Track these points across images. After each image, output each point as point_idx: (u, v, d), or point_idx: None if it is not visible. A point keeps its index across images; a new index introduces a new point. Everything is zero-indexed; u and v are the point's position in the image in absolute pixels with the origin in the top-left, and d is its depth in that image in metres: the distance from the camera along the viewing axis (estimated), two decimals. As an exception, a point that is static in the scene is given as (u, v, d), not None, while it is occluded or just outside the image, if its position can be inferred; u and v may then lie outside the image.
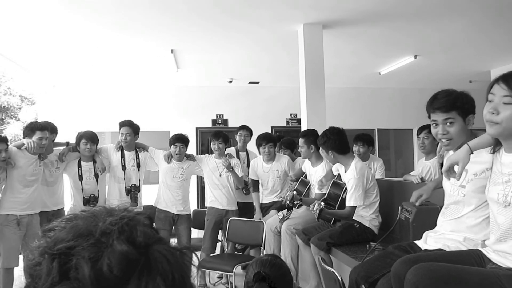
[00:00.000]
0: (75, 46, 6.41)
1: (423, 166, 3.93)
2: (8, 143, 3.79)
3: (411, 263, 1.87)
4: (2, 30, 5.63)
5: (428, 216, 2.55)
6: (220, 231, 4.84)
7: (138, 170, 4.56)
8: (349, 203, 3.42)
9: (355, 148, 4.77)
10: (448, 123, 2.09)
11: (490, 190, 1.83)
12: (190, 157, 4.80)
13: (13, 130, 15.44)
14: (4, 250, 3.76)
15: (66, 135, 5.02)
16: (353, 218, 3.50)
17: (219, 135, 4.78)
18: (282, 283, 1.76)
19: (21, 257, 3.94)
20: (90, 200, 4.24)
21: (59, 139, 4.52)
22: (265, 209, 4.79)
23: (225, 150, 4.89)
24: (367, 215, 3.51)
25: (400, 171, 9.76)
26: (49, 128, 4.12)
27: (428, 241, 2.25)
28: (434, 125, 2.18)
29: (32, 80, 8.18)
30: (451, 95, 2.11)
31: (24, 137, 4.01)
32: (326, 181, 3.84)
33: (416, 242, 2.34)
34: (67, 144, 4.42)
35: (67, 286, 0.52)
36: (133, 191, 4.43)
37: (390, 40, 6.44)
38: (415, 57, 7.30)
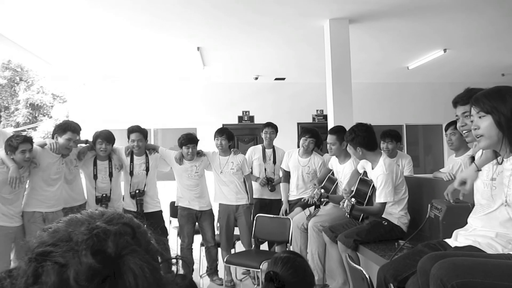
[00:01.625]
0: (103, 44, 6.55)
1: (453, 163, 3.85)
2: (33, 143, 3.81)
3: (437, 258, 1.84)
4: (36, 32, 5.80)
5: (458, 214, 2.51)
6: (235, 228, 4.86)
7: (147, 174, 4.55)
8: (379, 199, 3.39)
9: (383, 145, 4.70)
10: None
11: None
12: (200, 154, 4.80)
13: (46, 128, 15.89)
14: None
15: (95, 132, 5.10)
16: (382, 215, 3.46)
17: (223, 132, 4.79)
18: (293, 283, 1.67)
19: None
20: (102, 200, 4.27)
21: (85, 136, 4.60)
22: (291, 205, 4.80)
23: (230, 147, 4.87)
24: (395, 212, 3.46)
25: (429, 168, 9.59)
26: (79, 131, 4.18)
27: (459, 239, 2.21)
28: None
29: (64, 78, 8.39)
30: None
31: (53, 134, 4.07)
32: (349, 187, 3.79)
33: (446, 240, 2.30)
34: (86, 142, 4.46)
35: None
36: (138, 197, 4.44)
37: (418, 33, 6.31)
38: (445, 50, 7.13)
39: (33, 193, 3.90)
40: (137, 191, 4.45)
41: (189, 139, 4.60)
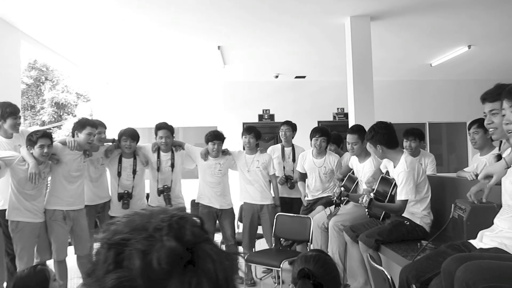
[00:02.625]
0: (126, 44, 6.65)
1: (478, 162, 3.77)
2: (53, 139, 3.86)
3: (463, 260, 1.81)
4: (61, 32, 5.93)
5: (483, 214, 2.46)
6: (259, 226, 4.87)
7: (172, 171, 4.60)
8: (399, 196, 3.34)
9: (405, 143, 4.63)
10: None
11: None
12: (225, 152, 4.82)
13: (70, 126, 16.21)
14: (54, 244, 3.90)
15: (118, 130, 5.19)
16: (404, 215, 3.41)
17: (251, 130, 4.79)
18: (327, 280, 1.70)
19: (70, 248, 4.12)
20: (124, 196, 4.34)
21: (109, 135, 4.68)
22: (309, 205, 4.77)
23: (256, 146, 4.87)
24: (418, 212, 3.41)
25: (452, 166, 9.41)
26: (99, 126, 4.25)
27: (484, 240, 2.16)
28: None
29: (87, 78, 8.55)
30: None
31: (73, 132, 4.11)
32: (374, 179, 3.75)
33: (471, 241, 2.26)
34: (113, 140, 4.55)
35: (120, 273, 0.56)
36: (165, 193, 4.49)
37: (441, 30, 6.20)
38: (469, 47, 6.98)
39: (53, 190, 3.97)
40: (165, 187, 4.51)
41: (215, 136, 4.64)
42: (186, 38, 6.35)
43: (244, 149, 5.02)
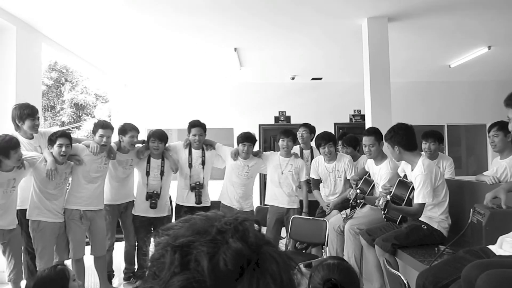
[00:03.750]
0: (144, 46, 6.72)
1: (498, 166, 3.70)
2: (72, 139, 3.94)
3: (483, 267, 1.78)
4: (81, 35, 6.03)
5: (503, 219, 2.42)
6: (283, 229, 4.85)
7: (203, 168, 4.66)
8: (417, 200, 3.30)
9: (424, 145, 4.57)
10: None
11: None
12: (257, 154, 4.83)
13: (89, 127, 16.46)
14: (71, 242, 3.99)
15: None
16: (421, 219, 3.37)
17: (289, 133, 4.76)
18: None
19: (87, 248, 4.21)
20: (153, 196, 4.41)
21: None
22: (323, 209, 4.74)
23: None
24: (435, 216, 3.36)
25: (472, 169, 9.25)
26: (133, 129, 4.38)
27: (504, 246, 2.13)
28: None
29: (106, 79, 8.68)
30: None
31: (92, 133, 4.25)
32: (390, 185, 3.71)
33: (490, 246, 2.22)
34: (143, 142, 4.63)
35: (187, 275, 0.57)
36: (197, 189, 4.55)
37: (460, 30, 6.11)
38: (489, 47, 6.87)
39: (72, 190, 4.07)
40: (197, 183, 4.56)
41: (246, 138, 4.66)
42: (203, 41, 6.39)
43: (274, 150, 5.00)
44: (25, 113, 3.89)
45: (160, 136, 4.49)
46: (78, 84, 17.72)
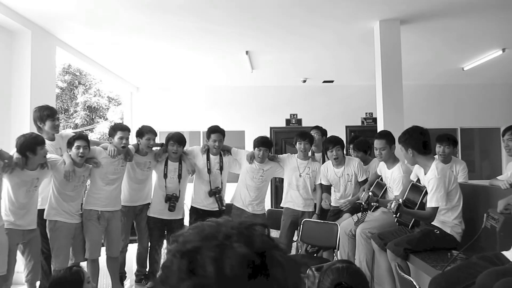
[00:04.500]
0: (156, 50, 6.77)
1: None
2: (89, 141, 4.04)
3: (499, 275, 1.76)
4: (94, 39, 6.10)
5: (517, 225, 2.38)
6: (296, 231, 4.84)
7: (221, 173, 4.68)
8: (430, 204, 3.26)
9: (438, 149, 4.53)
10: None
11: None
12: (273, 159, 4.82)
13: (102, 129, 16.62)
14: (88, 242, 4.07)
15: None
16: (434, 224, 3.34)
17: (305, 135, 4.74)
18: None
19: (102, 249, 4.27)
20: (172, 199, 4.45)
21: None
22: (336, 212, 4.71)
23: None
24: (449, 221, 3.32)
25: (485, 173, 9.14)
26: (150, 132, 4.43)
27: (518, 253, 2.10)
28: None
29: (118, 82, 8.76)
30: None
31: (109, 136, 4.33)
32: (402, 195, 3.66)
33: (504, 253, 2.19)
34: (162, 145, 4.67)
35: (194, 281, 0.58)
36: (217, 194, 4.58)
37: (474, 33, 6.05)
38: (503, 50, 6.78)
39: (91, 191, 4.18)
40: (217, 188, 4.60)
41: (262, 142, 4.66)
42: (215, 44, 6.41)
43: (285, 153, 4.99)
44: (45, 114, 4.04)
45: (179, 139, 4.52)
46: (91, 87, 17.92)
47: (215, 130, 4.67)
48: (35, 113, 4.09)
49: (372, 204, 3.79)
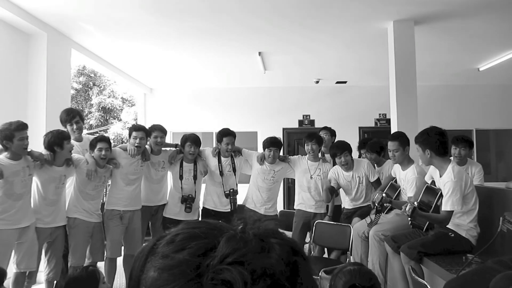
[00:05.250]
0: (169, 52, 6.82)
1: (529, 173, 3.59)
2: (111, 143, 4.18)
3: (513, 280, 1.73)
4: (108, 41, 6.17)
5: (534, 229, 2.34)
6: (308, 233, 4.83)
7: (234, 175, 4.68)
8: (445, 207, 3.22)
9: (454, 151, 4.46)
10: None
11: None
12: (284, 160, 4.82)
13: (116, 130, 16.79)
14: (109, 242, 4.16)
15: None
16: (449, 227, 3.30)
17: (313, 136, 4.72)
18: None
19: (122, 248, 4.34)
20: (188, 200, 4.46)
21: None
22: (348, 214, 4.68)
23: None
24: (464, 224, 3.28)
25: (501, 175, 9.01)
26: (148, 131, 4.43)
27: (535, 257, 2.06)
28: None
29: (132, 84, 8.84)
30: None
31: (129, 136, 4.40)
32: (415, 200, 3.63)
33: (520, 257, 2.15)
34: (176, 146, 4.70)
35: None
36: (232, 196, 4.58)
37: (490, 33, 5.96)
38: (520, 50, 6.69)
39: (112, 191, 4.28)
40: (231, 190, 4.60)
41: (272, 142, 4.65)
42: (228, 45, 6.44)
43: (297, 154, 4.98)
44: (62, 119, 4.29)
45: (195, 140, 4.53)
46: (106, 88, 18.11)
47: (227, 133, 4.66)
48: (60, 115, 4.35)
49: (385, 205, 3.76)
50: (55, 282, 3.90)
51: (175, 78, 8.87)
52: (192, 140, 4.51)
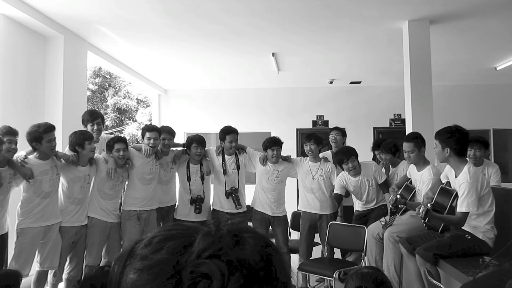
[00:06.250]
0: (184, 54, 6.87)
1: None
2: (127, 144, 4.25)
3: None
4: (123, 43, 6.24)
5: (554, 231, 2.30)
6: (316, 235, 4.81)
7: (238, 173, 4.67)
8: (460, 208, 3.17)
9: (470, 152, 4.38)
10: None
11: None
12: (286, 159, 4.81)
13: (131, 130, 16.95)
14: (126, 242, 4.18)
15: (177, 135, 5.35)
16: (465, 229, 3.25)
17: (310, 137, 4.72)
18: None
19: None
20: (197, 201, 4.48)
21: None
22: (361, 216, 4.65)
23: (320, 153, 4.83)
24: (480, 226, 3.23)
25: (519, 176, 8.85)
26: (160, 131, 4.46)
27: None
28: None
29: (147, 85, 8.92)
30: None
31: (142, 138, 4.45)
32: (433, 194, 3.58)
33: (539, 260, 2.12)
34: (182, 145, 4.72)
35: None
36: (234, 194, 4.57)
37: (507, 31, 5.86)
38: (539, 49, 6.56)
39: (129, 192, 4.32)
40: (232, 188, 4.59)
41: (273, 142, 4.65)
42: (241, 46, 6.45)
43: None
44: (85, 119, 4.40)
45: (201, 141, 4.55)
46: (121, 89, 18.30)
47: (230, 131, 4.65)
48: (82, 117, 4.47)
49: (400, 207, 3.72)
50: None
51: (189, 79, 8.91)
52: (198, 141, 4.52)
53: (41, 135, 3.61)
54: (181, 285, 0.51)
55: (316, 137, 4.74)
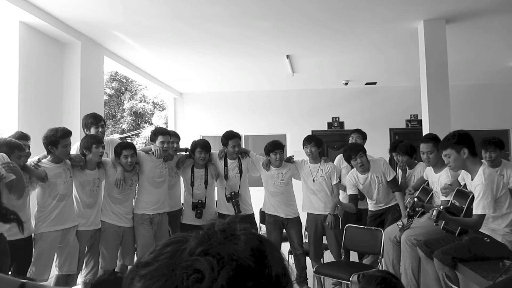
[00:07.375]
0: (199, 57, 6.91)
1: None
2: (136, 149, 4.22)
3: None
4: (139, 48, 6.32)
5: None
6: (324, 237, 4.78)
7: (241, 177, 4.65)
8: (476, 211, 3.12)
9: (484, 154, 4.30)
10: None
11: None
12: (289, 160, 4.80)
13: (147, 134, 17.10)
14: (139, 246, 4.19)
15: (190, 138, 5.39)
16: (484, 232, 3.19)
17: (311, 139, 4.72)
18: None
19: None
20: (198, 206, 4.46)
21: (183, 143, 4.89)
22: (376, 216, 4.62)
23: (320, 154, 4.79)
24: (499, 229, 3.17)
25: (541, 176, 8.64)
26: (171, 134, 4.49)
27: None
28: None
29: (163, 89, 9.00)
30: None
31: (151, 141, 4.45)
32: (451, 186, 3.52)
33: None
34: (186, 150, 4.72)
35: None
36: (234, 199, 4.53)
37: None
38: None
39: (140, 195, 4.31)
40: (232, 193, 4.58)
41: (276, 145, 4.63)
42: (256, 49, 6.46)
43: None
44: (89, 122, 4.32)
45: (205, 146, 4.53)
46: (137, 93, 18.49)
47: (233, 136, 4.64)
48: (82, 120, 4.42)
49: (417, 210, 3.68)
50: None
51: (204, 83, 8.97)
52: (202, 145, 4.51)
53: (58, 140, 3.65)
54: (177, 283, 0.54)
55: (317, 139, 4.76)
